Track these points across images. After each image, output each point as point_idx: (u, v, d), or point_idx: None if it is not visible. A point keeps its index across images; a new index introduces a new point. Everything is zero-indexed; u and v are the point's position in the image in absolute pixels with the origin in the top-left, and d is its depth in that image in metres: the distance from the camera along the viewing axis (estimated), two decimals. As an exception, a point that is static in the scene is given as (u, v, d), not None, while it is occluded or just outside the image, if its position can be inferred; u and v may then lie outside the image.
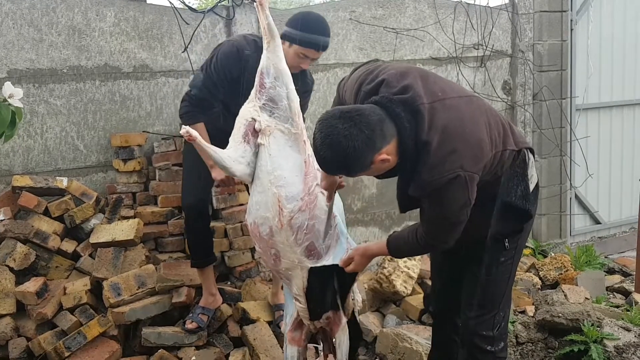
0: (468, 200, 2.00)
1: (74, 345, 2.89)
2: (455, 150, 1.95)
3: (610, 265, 4.57)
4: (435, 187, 1.95)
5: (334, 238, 2.44)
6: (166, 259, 3.39)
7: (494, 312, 2.28)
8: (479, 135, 2.01)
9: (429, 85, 2.04)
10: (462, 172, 1.94)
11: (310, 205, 2.35)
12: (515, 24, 4.76)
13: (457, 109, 2.02)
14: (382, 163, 1.96)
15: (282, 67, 2.46)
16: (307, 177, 2.40)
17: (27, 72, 3.34)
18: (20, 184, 3.18)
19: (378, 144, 1.92)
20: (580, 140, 5.00)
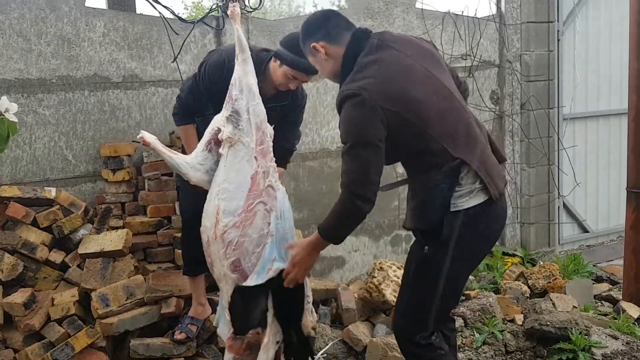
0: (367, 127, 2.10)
1: (62, 356, 2.87)
2: (374, 77, 2.14)
3: (598, 274, 4.59)
4: (341, 99, 2.16)
5: (260, 260, 2.46)
6: (155, 269, 3.38)
7: (416, 319, 2.31)
8: (410, 90, 2.15)
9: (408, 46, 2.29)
10: (366, 94, 2.09)
11: (244, 223, 2.43)
12: (502, 34, 4.81)
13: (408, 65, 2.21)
14: (316, 52, 2.30)
15: (246, 81, 2.51)
16: (250, 194, 2.46)
17: (16, 82, 3.33)
18: (8, 194, 3.16)
19: (320, 34, 2.30)
20: (567, 150, 5.05)
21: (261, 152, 2.52)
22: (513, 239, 5.00)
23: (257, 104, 2.53)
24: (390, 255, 4.43)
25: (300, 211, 4.10)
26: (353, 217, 2.22)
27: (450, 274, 2.23)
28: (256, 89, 2.55)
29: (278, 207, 2.51)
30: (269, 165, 2.53)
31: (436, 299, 2.27)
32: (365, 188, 2.14)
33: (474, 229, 2.20)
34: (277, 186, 2.54)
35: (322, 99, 4.16)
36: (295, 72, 2.71)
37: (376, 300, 3.42)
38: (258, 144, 2.52)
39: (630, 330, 3.34)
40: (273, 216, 2.48)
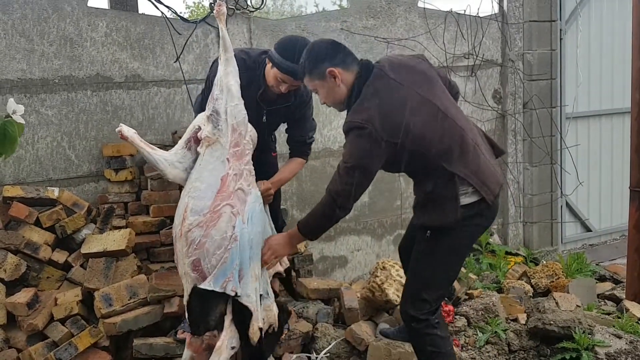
0: (371, 157, 2.35)
1: (65, 356, 2.87)
2: (379, 112, 2.34)
3: (601, 273, 4.59)
4: (349, 126, 2.38)
5: (221, 263, 2.45)
6: (158, 269, 3.37)
7: (416, 297, 2.57)
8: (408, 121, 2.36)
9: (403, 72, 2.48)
10: (370, 128, 2.32)
11: (208, 223, 2.45)
12: (505, 33, 4.80)
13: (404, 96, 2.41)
14: (332, 79, 2.42)
15: (227, 82, 2.53)
16: (219, 195, 2.47)
17: (19, 82, 3.33)
18: (11, 194, 3.16)
19: (337, 60, 2.43)
20: (570, 149, 5.04)
21: (235, 155, 2.52)
22: (516, 238, 5.00)
23: (235, 105, 2.53)
24: (392, 254, 4.42)
25: (303, 210, 4.10)
26: (330, 220, 2.52)
27: (445, 258, 2.56)
28: (236, 90, 2.54)
29: (246, 211, 2.49)
30: (243, 168, 2.53)
31: (433, 279, 2.57)
32: (349, 202, 2.45)
33: (469, 222, 2.50)
34: (249, 190, 2.53)
35: (325, 99, 4.16)
36: (283, 75, 2.72)
37: (379, 299, 3.41)
38: (232, 146, 2.52)
39: (634, 329, 3.33)
40: (239, 220, 2.47)
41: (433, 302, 2.58)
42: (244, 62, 2.86)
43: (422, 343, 2.61)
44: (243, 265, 2.45)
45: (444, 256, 2.56)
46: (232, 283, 2.43)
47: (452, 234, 2.51)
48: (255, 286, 2.49)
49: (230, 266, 2.43)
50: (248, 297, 2.45)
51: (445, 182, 2.46)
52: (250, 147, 2.60)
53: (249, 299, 2.45)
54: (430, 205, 2.52)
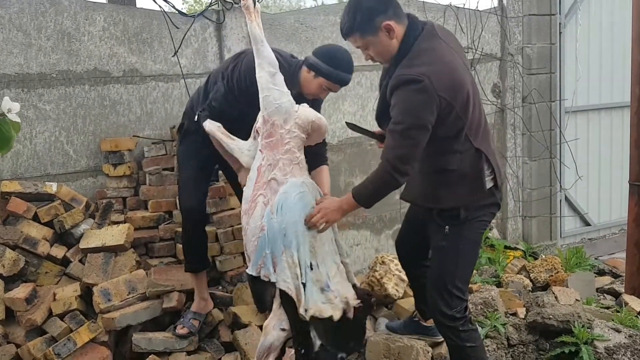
0: (425, 112, 2.25)
1: (64, 351, 2.86)
2: (433, 65, 2.27)
3: (600, 267, 4.59)
4: (402, 80, 2.26)
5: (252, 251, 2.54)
6: (157, 264, 3.38)
7: (447, 295, 2.52)
8: (460, 81, 2.32)
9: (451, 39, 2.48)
10: (427, 81, 2.22)
11: (249, 212, 2.55)
12: (504, 27, 4.78)
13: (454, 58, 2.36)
14: (388, 33, 2.31)
15: (259, 74, 2.57)
16: (256, 184, 2.54)
17: (16, 77, 3.32)
18: (9, 190, 3.15)
19: (390, 12, 2.31)
20: (569, 143, 5.04)
21: (268, 145, 2.54)
22: (515, 233, 5.00)
23: (265, 97, 2.55)
24: (391, 249, 4.41)
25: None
26: (389, 188, 2.43)
27: (469, 250, 2.54)
28: (265, 81, 2.56)
29: (275, 201, 2.50)
30: (279, 158, 2.54)
31: (462, 273, 2.55)
32: (408, 165, 2.34)
33: (487, 210, 2.50)
34: (284, 180, 2.54)
35: (323, 93, 4.14)
36: (331, 84, 2.73)
37: (378, 294, 3.42)
38: (265, 137, 2.55)
39: (633, 323, 3.33)
40: (267, 210, 2.50)
41: (464, 296, 2.57)
42: (279, 62, 2.84)
43: (460, 340, 2.56)
44: (275, 253, 2.50)
45: (468, 248, 2.54)
46: (264, 269, 2.50)
47: (471, 224, 2.49)
48: (295, 272, 2.50)
49: (260, 254, 2.50)
50: (284, 282, 2.50)
51: (471, 158, 2.42)
52: (293, 136, 2.57)
53: (285, 284, 2.50)
54: (454, 184, 2.45)
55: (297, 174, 2.58)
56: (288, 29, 3.96)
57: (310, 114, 2.64)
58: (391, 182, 2.38)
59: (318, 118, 2.66)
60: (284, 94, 2.57)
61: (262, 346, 2.57)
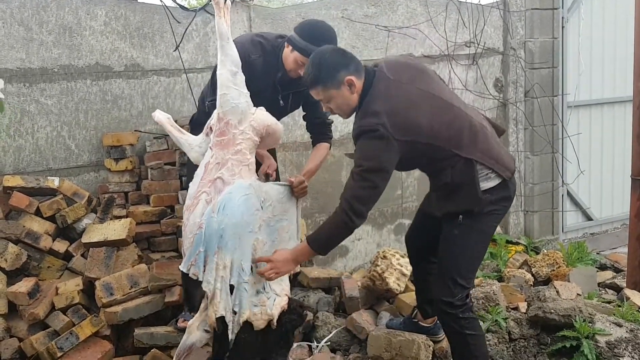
0: (384, 158, 2.36)
1: (67, 345, 2.88)
2: (385, 112, 2.35)
3: (602, 262, 4.58)
4: (359, 131, 2.38)
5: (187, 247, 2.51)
6: (159, 258, 3.38)
7: (451, 282, 2.56)
8: (414, 117, 2.40)
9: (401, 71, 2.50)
10: (382, 129, 2.32)
11: (190, 208, 2.52)
12: (506, 21, 4.77)
13: (406, 93, 2.44)
14: (349, 87, 2.41)
15: (220, 71, 2.54)
16: (201, 182, 2.53)
17: (18, 71, 3.32)
18: (12, 184, 3.16)
19: (352, 68, 2.41)
20: (571, 137, 5.03)
21: (219, 143, 2.52)
22: (517, 227, 5.00)
23: (222, 95, 2.52)
24: (393, 243, 4.43)
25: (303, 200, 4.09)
26: (345, 230, 2.46)
27: (478, 242, 2.60)
28: (225, 79, 2.51)
29: (217, 200, 2.47)
30: (228, 158, 2.50)
31: (469, 263, 2.61)
32: (366, 207, 2.41)
33: (497, 205, 2.55)
34: (230, 180, 2.50)
35: (325, 88, 4.14)
36: (304, 59, 2.69)
37: (379, 288, 3.42)
38: (217, 135, 2.52)
39: (634, 318, 3.33)
40: (208, 209, 2.47)
41: (468, 285, 2.61)
42: (262, 46, 2.85)
43: (460, 327, 2.59)
44: (208, 252, 2.47)
45: (477, 240, 2.59)
46: (194, 267, 2.48)
47: (483, 218, 2.54)
48: (222, 274, 2.47)
49: (194, 251, 2.48)
50: (208, 284, 2.48)
51: (462, 168, 2.48)
52: (246, 137, 2.54)
53: (207, 285, 2.48)
54: (452, 194, 2.53)
55: (246, 175, 2.54)
56: (289, 24, 3.95)
57: (267, 118, 2.62)
58: (347, 223, 2.41)
59: (275, 123, 2.65)
60: (243, 94, 2.54)
61: (183, 345, 2.55)
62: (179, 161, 3.52)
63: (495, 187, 2.53)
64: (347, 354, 3.17)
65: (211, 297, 2.48)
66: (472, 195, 2.49)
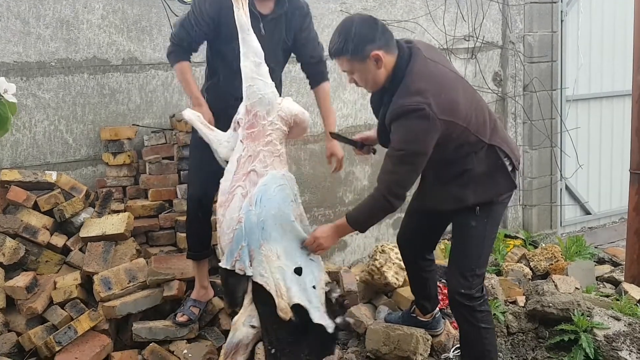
0: (427, 139, 2.29)
1: (65, 339, 2.88)
2: (430, 91, 2.28)
3: (600, 255, 4.59)
4: (403, 110, 2.28)
5: (228, 243, 2.50)
6: (157, 252, 3.38)
7: (469, 274, 2.56)
8: (455, 97, 2.36)
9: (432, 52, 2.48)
10: (427, 109, 2.26)
11: (226, 204, 2.51)
12: (505, 15, 4.76)
13: (444, 73, 2.42)
14: (376, 62, 2.31)
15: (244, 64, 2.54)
16: (235, 176, 2.51)
17: (15, 65, 3.30)
18: (9, 178, 3.15)
19: (381, 42, 2.31)
20: (570, 131, 5.02)
21: (250, 136, 2.52)
22: (515, 221, 5.00)
23: (249, 87, 2.52)
24: (392, 238, 4.42)
25: (302, 194, 4.05)
26: (385, 212, 2.46)
27: (492, 232, 2.61)
28: (249, 70, 2.53)
29: (254, 193, 2.48)
30: (260, 150, 2.51)
31: (484, 254, 2.60)
32: (405, 189, 2.40)
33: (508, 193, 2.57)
34: (264, 172, 2.51)
35: (324, 81, 4.13)
36: None
37: (378, 282, 3.42)
38: (247, 127, 2.52)
39: (633, 312, 3.34)
40: (245, 202, 2.47)
41: (482, 275, 2.62)
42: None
43: (476, 320, 2.58)
44: (252, 246, 2.46)
45: (492, 228, 2.61)
46: (239, 262, 2.47)
47: (496, 207, 2.56)
48: (278, 265, 2.48)
49: (237, 246, 2.47)
50: (262, 277, 2.46)
51: (485, 155, 2.47)
52: (275, 128, 2.55)
53: (262, 279, 2.46)
54: (479, 182, 2.49)
55: (278, 166, 2.56)
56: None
57: (294, 107, 2.62)
58: (387, 207, 2.41)
59: (302, 112, 2.64)
60: (268, 85, 2.55)
61: (230, 343, 2.53)
62: (177, 155, 3.51)
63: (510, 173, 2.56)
64: (345, 348, 3.17)
65: (275, 288, 2.47)
66: (503, 180, 2.51)
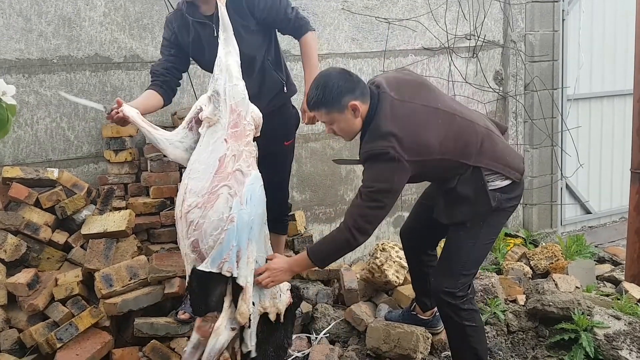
0: (394, 180, 2.36)
1: (66, 336, 2.88)
2: (395, 135, 2.34)
3: (600, 255, 4.60)
4: (370, 155, 2.37)
5: (217, 244, 2.42)
6: (158, 249, 3.38)
7: (455, 274, 2.58)
8: (424, 136, 2.40)
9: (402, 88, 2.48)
10: (392, 152, 2.32)
11: (206, 204, 2.42)
12: (507, 14, 4.76)
13: (412, 112, 2.43)
14: (354, 112, 2.38)
15: (226, 62, 2.51)
16: (216, 176, 2.44)
17: (17, 62, 3.31)
18: (11, 175, 3.15)
19: (357, 93, 2.38)
20: (571, 131, 5.02)
21: (234, 135, 2.49)
22: (515, 220, 5.00)
23: (234, 86, 2.50)
24: (392, 236, 4.43)
25: (302, 192, 4.10)
26: (348, 247, 2.47)
27: (487, 239, 2.63)
28: (235, 70, 2.51)
29: (244, 192, 2.45)
30: (242, 149, 2.49)
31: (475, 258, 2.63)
32: (372, 226, 2.42)
33: (507, 204, 2.58)
34: (248, 171, 2.50)
35: (325, 80, 4.13)
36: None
37: (378, 280, 3.43)
38: (231, 126, 2.49)
39: (633, 311, 3.34)
40: (236, 201, 2.43)
41: (471, 276, 2.64)
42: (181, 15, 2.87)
43: (459, 318, 2.60)
44: (241, 246, 2.43)
45: (485, 237, 2.62)
46: (228, 264, 2.41)
47: (492, 216, 2.57)
48: (252, 267, 2.47)
49: (227, 247, 2.41)
50: (245, 279, 2.44)
51: (469, 176, 2.50)
52: (251, 128, 2.57)
53: (244, 280, 2.44)
54: (459, 202, 2.54)
55: (254, 167, 2.55)
56: (289, 15, 3.94)
57: (257, 110, 2.64)
58: (351, 241, 2.42)
59: (260, 116, 2.66)
60: (245, 86, 2.56)
61: (213, 349, 2.47)
62: (178, 153, 3.52)
63: (505, 187, 2.56)
64: (346, 346, 3.18)
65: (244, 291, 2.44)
66: (482, 202, 2.51)
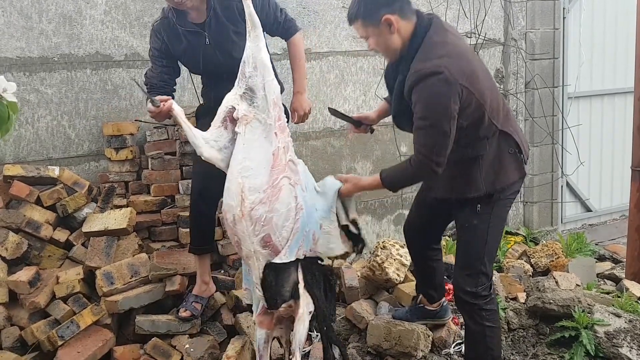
0: (450, 102, 2.25)
1: (67, 334, 2.89)
2: (449, 56, 2.28)
3: (601, 252, 4.60)
4: (421, 75, 2.25)
5: (292, 234, 2.45)
6: (159, 247, 3.39)
7: (474, 272, 2.56)
8: (474, 68, 2.34)
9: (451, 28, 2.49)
10: (446, 72, 2.23)
11: (271, 198, 2.42)
12: (508, 12, 4.75)
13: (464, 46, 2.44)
14: (389, 27, 2.30)
15: (260, 58, 2.51)
16: (274, 169, 2.45)
17: (18, 60, 3.31)
18: (12, 173, 3.16)
19: (396, 6, 2.30)
20: (572, 128, 5.02)
21: (280, 128, 2.51)
22: (516, 218, 5.01)
23: (272, 80, 2.53)
24: (393, 234, 4.43)
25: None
26: (425, 178, 2.55)
27: (497, 228, 2.60)
28: (270, 64, 2.54)
29: (301, 179, 2.51)
30: (288, 141, 2.53)
31: (489, 250, 2.59)
32: (444, 156, 2.33)
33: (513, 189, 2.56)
34: (297, 160, 2.56)
35: (326, 78, 4.14)
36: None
37: (379, 278, 3.43)
38: (277, 119, 2.51)
39: (633, 309, 3.35)
40: (299, 189, 2.48)
41: (490, 273, 2.60)
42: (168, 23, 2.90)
43: (481, 319, 2.58)
44: (314, 229, 2.50)
45: (497, 225, 2.58)
46: (302, 249, 2.48)
47: (501, 203, 2.54)
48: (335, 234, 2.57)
49: (301, 234, 2.46)
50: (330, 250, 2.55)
51: (498, 140, 2.46)
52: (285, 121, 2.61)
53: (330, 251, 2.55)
54: (490, 169, 2.48)
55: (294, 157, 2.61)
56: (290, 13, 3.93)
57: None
58: (430, 174, 2.39)
59: None
60: None
61: (303, 335, 2.49)
62: (179, 151, 3.52)
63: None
64: (346, 343, 3.19)
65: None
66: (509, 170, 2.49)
